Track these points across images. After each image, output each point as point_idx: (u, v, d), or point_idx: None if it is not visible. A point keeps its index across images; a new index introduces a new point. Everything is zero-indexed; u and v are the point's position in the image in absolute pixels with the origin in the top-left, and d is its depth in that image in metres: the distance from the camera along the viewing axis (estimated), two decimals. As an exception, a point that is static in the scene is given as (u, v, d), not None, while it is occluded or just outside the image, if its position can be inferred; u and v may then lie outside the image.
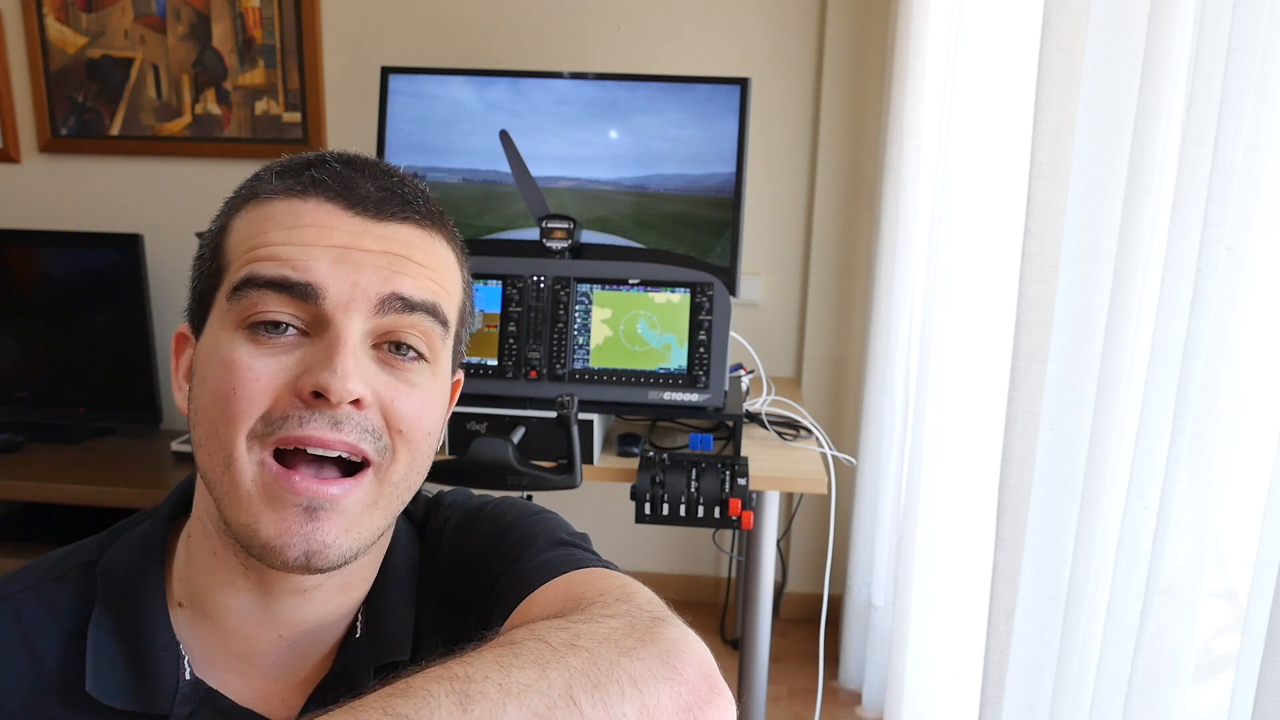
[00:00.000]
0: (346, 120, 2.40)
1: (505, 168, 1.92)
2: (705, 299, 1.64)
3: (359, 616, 0.65)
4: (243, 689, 0.62)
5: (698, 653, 0.51)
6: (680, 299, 1.65)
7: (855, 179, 2.33)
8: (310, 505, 0.55)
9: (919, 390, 1.76)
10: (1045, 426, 1.13)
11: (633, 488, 1.55)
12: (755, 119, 2.19)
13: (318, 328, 0.57)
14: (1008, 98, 1.44)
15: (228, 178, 0.64)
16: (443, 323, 0.61)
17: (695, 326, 1.65)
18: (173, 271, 2.40)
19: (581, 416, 1.61)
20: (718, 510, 1.53)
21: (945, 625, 1.68)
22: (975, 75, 1.53)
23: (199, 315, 0.61)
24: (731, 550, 2.51)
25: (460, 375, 0.70)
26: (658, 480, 1.54)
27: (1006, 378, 1.21)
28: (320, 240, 0.57)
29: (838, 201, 2.34)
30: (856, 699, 2.23)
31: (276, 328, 0.56)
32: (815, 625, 2.00)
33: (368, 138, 2.15)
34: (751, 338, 2.21)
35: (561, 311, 1.66)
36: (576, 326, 1.67)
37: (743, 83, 1.86)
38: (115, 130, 2.43)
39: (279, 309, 0.56)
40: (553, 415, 1.57)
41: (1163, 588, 0.87)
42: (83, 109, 2.43)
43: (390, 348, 0.59)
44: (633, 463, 1.63)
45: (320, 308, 0.56)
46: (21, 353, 2.33)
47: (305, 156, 0.62)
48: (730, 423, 1.75)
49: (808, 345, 2.42)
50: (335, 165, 0.60)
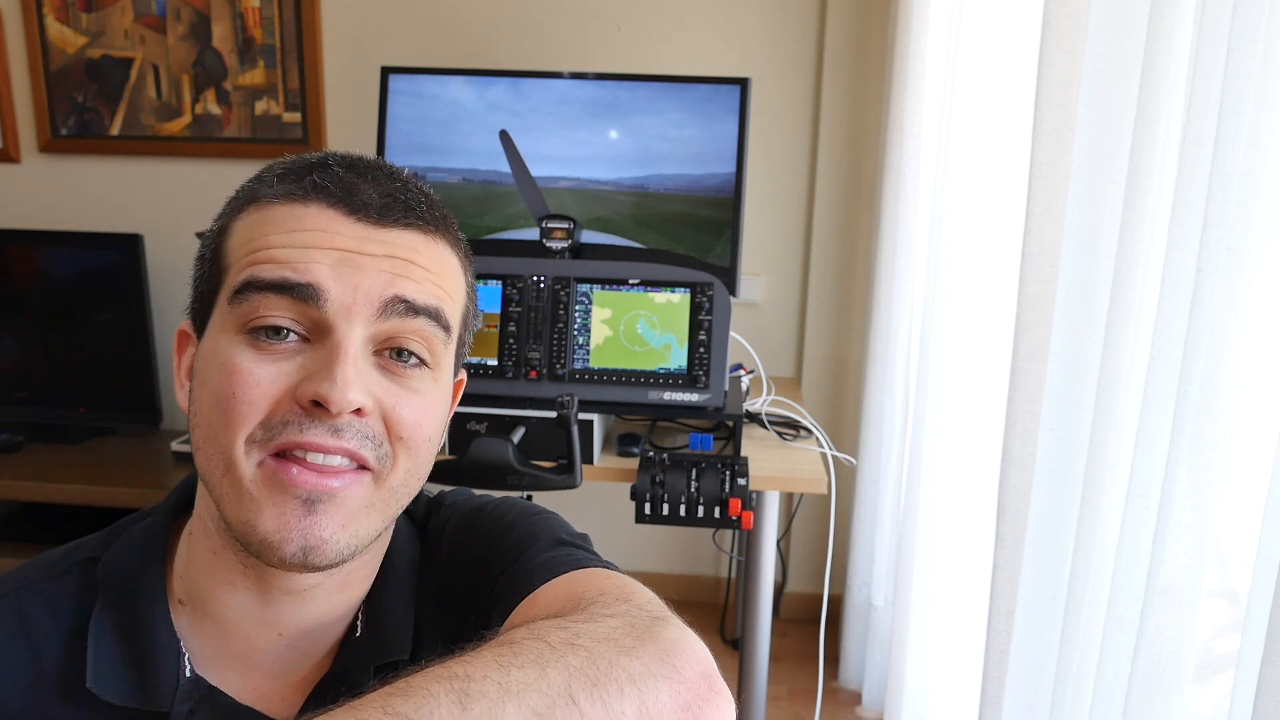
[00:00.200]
0: (346, 120, 2.40)
1: (505, 168, 1.92)
2: (705, 299, 1.64)
3: (359, 616, 0.66)
4: (243, 687, 0.63)
5: (697, 652, 0.51)
6: (680, 299, 1.65)
7: (855, 179, 2.33)
8: (309, 498, 0.55)
9: (919, 390, 1.76)
10: (1045, 426, 1.13)
11: (633, 488, 1.55)
12: (755, 119, 2.19)
13: (319, 334, 0.57)
14: (1008, 98, 1.44)
15: (228, 178, 0.64)
16: (445, 327, 0.61)
17: (695, 326, 1.65)
18: (173, 271, 2.40)
19: (581, 416, 1.61)
20: (718, 510, 1.53)
21: (945, 625, 1.68)
22: (975, 75, 1.54)
23: (201, 315, 0.61)
24: (731, 550, 2.51)
25: (463, 375, 0.70)
26: (658, 480, 1.54)
27: (1006, 378, 1.21)
28: (321, 244, 0.57)
29: (838, 201, 2.34)
30: (856, 699, 2.23)
31: (278, 333, 0.56)
32: (815, 625, 2.00)
33: (368, 138, 2.15)
34: (751, 338, 2.21)
35: (561, 311, 1.66)
36: (576, 326, 1.67)
37: (743, 83, 1.86)
38: (115, 130, 2.43)
39: (280, 313, 0.56)
40: (553, 415, 1.57)
41: (1163, 588, 0.87)
42: (83, 109, 2.43)
43: (391, 354, 0.59)
44: (633, 463, 1.63)
45: (322, 311, 0.56)
46: (21, 353, 2.33)
47: (307, 159, 0.61)
48: (730, 423, 1.75)
49: (808, 345, 2.42)
50: (337, 169, 0.60)
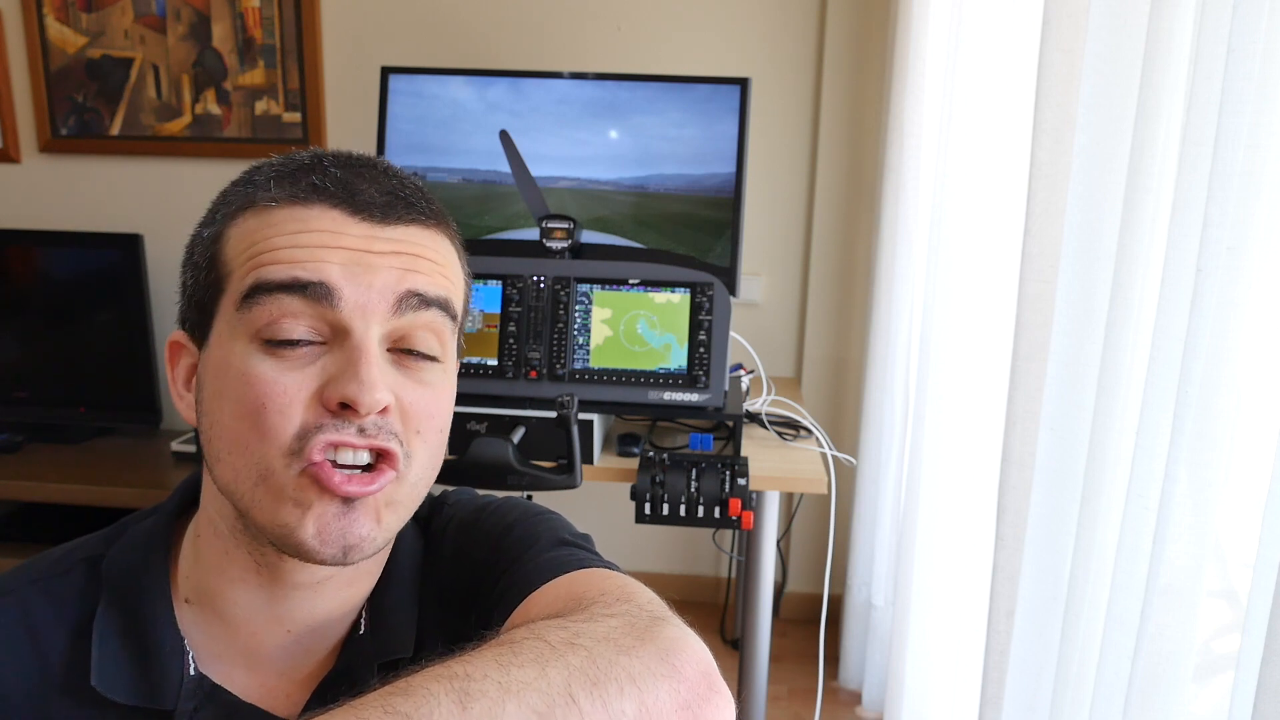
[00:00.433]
0: (346, 120, 2.40)
1: (505, 168, 1.92)
2: (705, 299, 1.64)
3: (363, 613, 0.66)
4: (247, 684, 0.63)
5: (697, 651, 0.51)
6: (680, 299, 1.65)
7: (855, 179, 2.33)
8: (347, 496, 0.56)
9: (919, 390, 1.76)
10: (1045, 426, 1.13)
11: (633, 488, 1.55)
12: (755, 119, 2.19)
13: (335, 335, 0.57)
14: (1008, 98, 1.44)
15: (228, 178, 0.64)
16: (453, 317, 0.62)
17: (695, 326, 1.65)
18: (173, 271, 2.38)
19: (581, 416, 1.61)
20: (718, 510, 1.53)
21: (945, 625, 1.68)
22: (975, 75, 1.54)
23: (199, 325, 0.61)
24: (731, 550, 2.51)
25: (457, 364, 0.70)
26: (658, 480, 1.54)
27: (1006, 378, 1.21)
28: (330, 244, 0.57)
29: (838, 201, 2.34)
30: (856, 699, 2.23)
31: (293, 343, 0.56)
32: (815, 625, 2.00)
33: (368, 138, 2.15)
34: (751, 338, 2.21)
35: (561, 311, 1.66)
36: (576, 326, 1.67)
37: (743, 83, 1.86)
38: (115, 130, 2.43)
39: (294, 318, 0.56)
40: (553, 415, 1.57)
41: (1163, 588, 0.87)
42: (83, 109, 2.43)
43: (404, 350, 0.59)
44: (633, 463, 1.63)
45: (337, 312, 0.56)
46: (21, 353, 2.33)
47: (299, 159, 0.61)
48: (730, 423, 1.75)
49: (808, 345, 2.42)
50: (334, 170, 0.60)
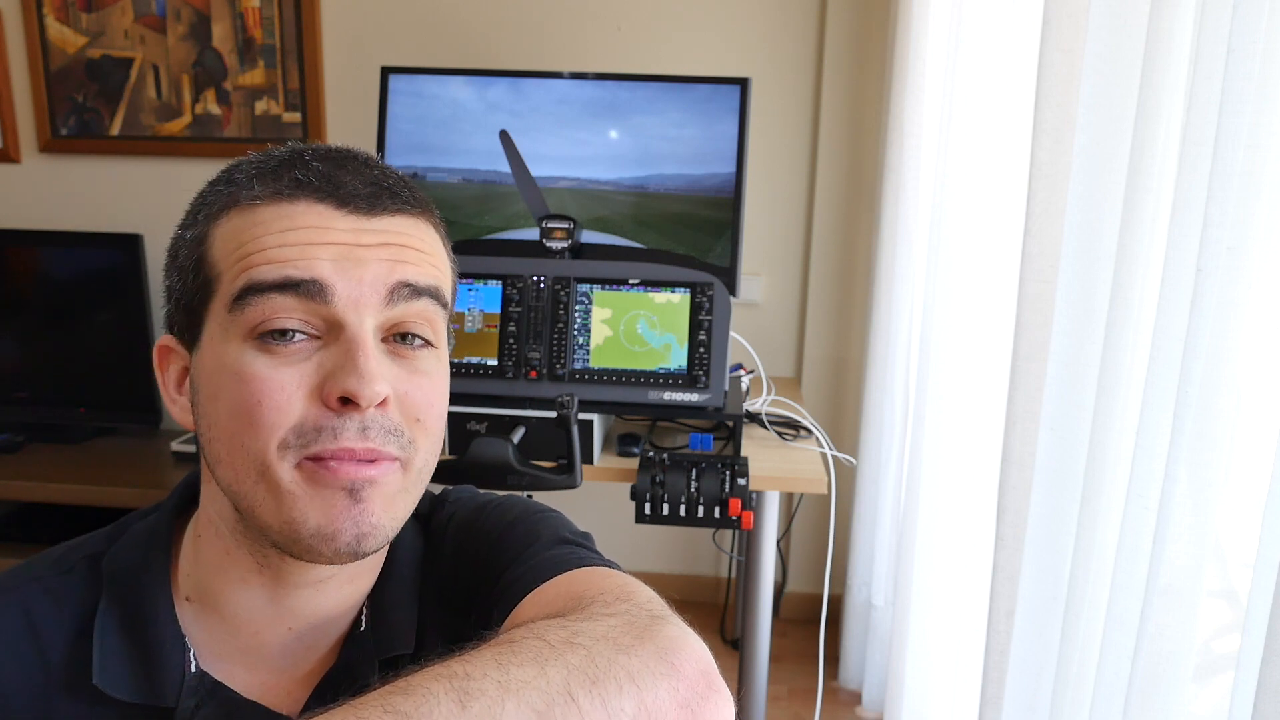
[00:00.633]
0: (346, 120, 2.40)
1: (505, 168, 1.92)
2: (705, 299, 1.64)
3: (364, 610, 0.66)
4: (248, 681, 0.63)
5: (696, 650, 0.51)
6: (680, 299, 1.65)
7: (855, 179, 2.33)
8: (353, 487, 0.56)
9: (919, 390, 1.76)
10: (1045, 426, 1.13)
11: (633, 488, 1.55)
12: (755, 119, 2.19)
13: (329, 330, 0.57)
14: (1008, 98, 1.44)
15: (227, 177, 0.64)
16: (444, 305, 0.62)
17: (695, 326, 1.65)
18: (173, 271, 2.40)
19: (581, 416, 1.61)
20: (718, 510, 1.53)
21: (945, 625, 1.68)
22: (975, 75, 1.54)
23: (189, 328, 0.60)
24: (731, 550, 2.51)
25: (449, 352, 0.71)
26: (658, 480, 1.54)
27: (1006, 378, 1.21)
28: (318, 240, 0.56)
29: (838, 201, 2.34)
30: (856, 699, 2.23)
31: (285, 335, 0.56)
32: (815, 625, 2.00)
33: (368, 138, 2.15)
34: (751, 338, 2.21)
35: (561, 311, 1.66)
36: (576, 326, 1.67)
37: (743, 83, 1.86)
38: (115, 130, 2.43)
39: (287, 314, 0.55)
40: (553, 415, 1.57)
41: (1163, 588, 0.87)
42: (83, 109, 2.43)
43: (397, 338, 0.59)
44: (633, 463, 1.63)
45: (330, 307, 0.56)
46: (21, 353, 2.33)
47: (278, 155, 0.60)
48: (730, 423, 1.75)
49: (808, 345, 2.42)
50: (316, 163, 0.59)
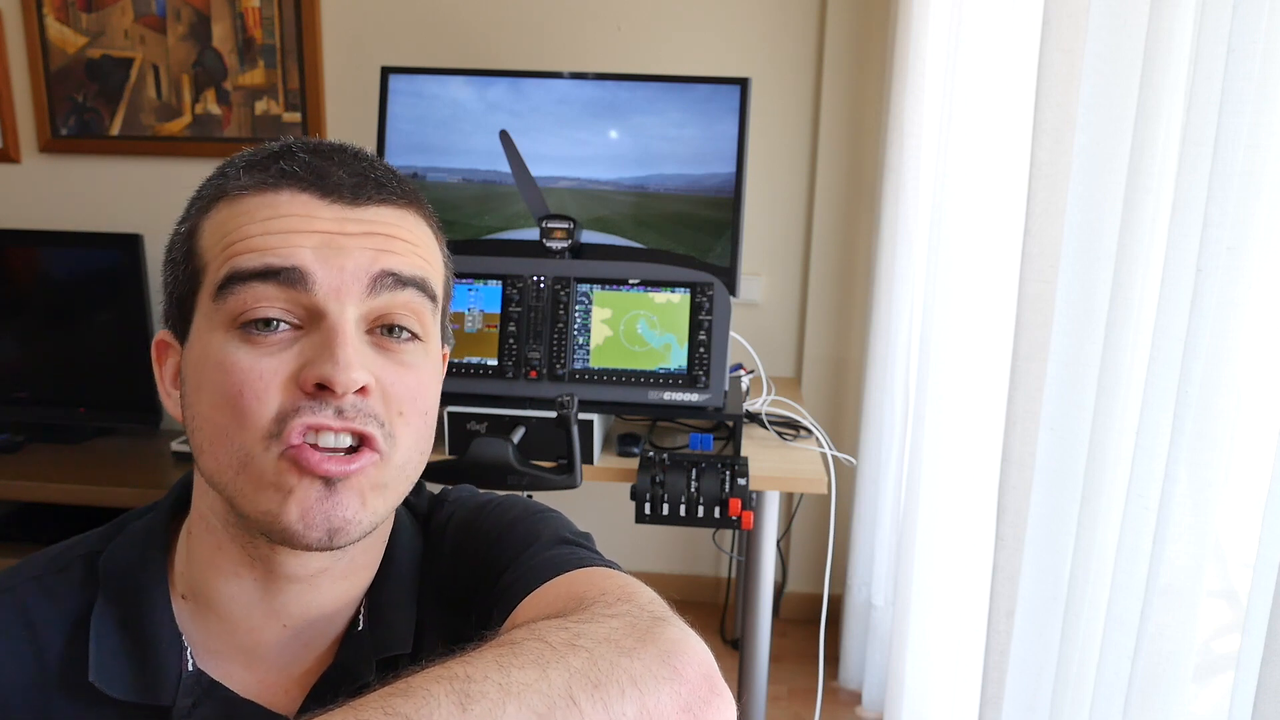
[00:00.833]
0: (346, 120, 2.40)
1: (505, 168, 1.92)
2: (705, 299, 1.64)
3: (361, 608, 0.66)
4: (245, 680, 0.63)
5: (698, 653, 0.51)
6: (680, 299, 1.65)
7: (855, 179, 2.33)
8: (328, 477, 0.56)
9: (919, 390, 1.76)
10: (1045, 426, 1.13)
11: (633, 488, 1.55)
12: (755, 119, 2.19)
13: (311, 319, 0.57)
14: (1008, 98, 1.44)
15: (227, 178, 0.64)
16: (432, 297, 0.61)
17: (695, 326, 1.65)
18: (173, 271, 2.40)
19: (581, 416, 1.61)
20: (718, 510, 1.53)
21: (945, 625, 1.68)
22: (975, 75, 1.54)
23: (181, 321, 0.61)
24: (731, 550, 2.51)
25: (447, 349, 0.70)
26: (658, 480, 1.54)
27: (1006, 378, 1.21)
28: (301, 229, 0.57)
29: (838, 201, 2.34)
30: (856, 699, 2.23)
31: (268, 325, 0.56)
32: (815, 625, 2.00)
33: (368, 138, 2.15)
34: (751, 338, 2.21)
35: (561, 311, 1.66)
36: (576, 326, 1.67)
37: (743, 83, 1.86)
38: (115, 130, 2.43)
39: (269, 303, 0.56)
40: (553, 415, 1.57)
41: (1163, 588, 0.87)
42: (83, 109, 2.43)
43: (383, 330, 0.59)
44: (633, 463, 1.63)
45: (311, 295, 0.56)
46: (21, 353, 2.33)
47: (270, 148, 0.61)
48: (730, 423, 1.75)
49: (808, 345, 2.42)
50: (303, 155, 0.59)
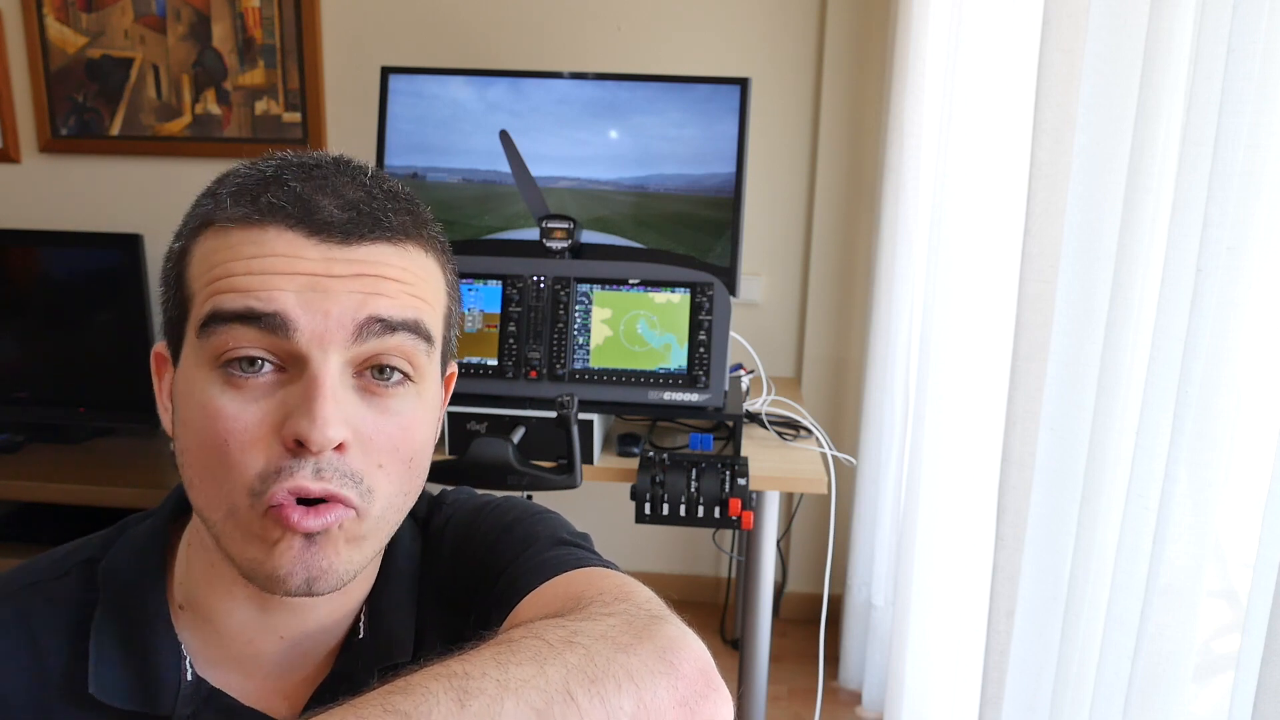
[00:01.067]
0: (346, 120, 2.40)
1: (505, 168, 1.92)
2: (705, 299, 1.64)
3: (361, 617, 0.66)
4: (245, 689, 0.63)
5: (695, 649, 0.51)
6: (680, 299, 1.65)
7: (855, 179, 2.33)
8: (308, 531, 0.55)
9: (919, 390, 1.76)
10: (1045, 426, 1.13)
11: (633, 488, 1.55)
12: (755, 119, 2.19)
13: (294, 364, 0.55)
14: (1008, 98, 1.44)
15: (227, 178, 0.63)
16: (426, 338, 0.58)
17: (695, 326, 1.64)
18: (173, 271, 2.40)
19: (581, 416, 1.61)
20: (718, 510, 1.53)
21: (945, 625, 1.68)
22: (975, 75, 1.54)
23: (173, 341, 0.60)
24: (731, 550, 2.51)
25: (453, 369, 0.69)
26: (658, 480, 1.54)
27: (1006, 378, 1.21)
28: (285, 270, 0.54)
29: (838, 201, 2.34)
30: (856, 699, 2.23)
31: (252, 364, 0.54)
32: (815, 625, 2.00)
33: (368, 138, 2.15)
34: (751, 338, 2.21)
35: (561, 311, 1.66)
36: (576, 326, 1.67)
37: (743, 83, 1.86)
38: (115, 130, 2.43)
39: (250, 345, 0.54)
40: (553, 415, 1.57)
41: (1163, 588, 0.87)
42: (83, 109, 2.43)
43: (373, 372, 0.57)
44: (633, 463, 1.63)
45: (293, 343, 0.54)
46: (21, 353, 2.33)
47: (262, 172, 0.58)
48: (730, 423, 1.75)
49: (808, 345, 2.42)
50: (293, 184, 0.56)
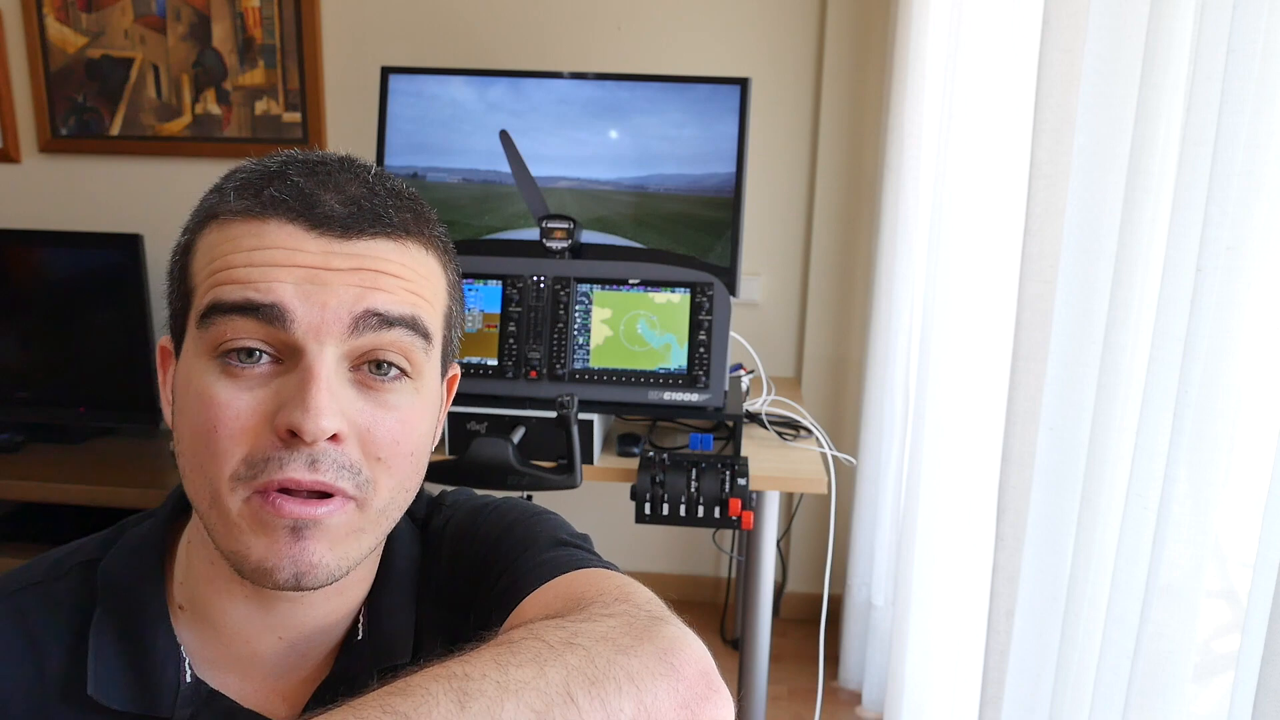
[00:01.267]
0: (346, 120, 2.40)
1: (505, 168, 1.92)
2: (705, 299, 1.64)
3: (360, 618, 0.66)
4: (244, 690, 0.63)
5: (695, 651, 0.51)
6: (680, 299, 1.65)
7: (855, 179, 2.33)
8: (296, 526, 0.55)
9: (919, 390, 1.76)
10: (1045, 426, 1.13)
11: (633, 488, 1.55)
12: (755, 119, 2.19)
13: (290, 355, 0.55)
14: (1008, 98, 1.44)
15: (226, 177, 0.63)
16: (424, 335, 0.58)
17: (695, 326, 1.64)
18: (173, 271, 2.40)
19: (581, 416, 1.61)
20: (718, 510, 1.53)
21: (945, 625, 1.68)
22: (975, 75, 1.53)
23: (177, 334, 0.60)
24: (731, 550, 2.51)
25: (456, 371, 0.69)
26: (658, 480, 1.54)
27: (1006, 378, 1.21)
28: (284, 262, 0.55)
29: (838, 201, 2.34)
30: (856, 699, 2.23)
31: (250, 355, 0.55)
32: (815, 625, 2.00)
33: (368, 138, 2.15)
34: (751, 338, 2.21)
35: (561, 311, 1.66)
36: (576, 326, 1.67)
37: (743, 83, 1.86)
38: (115, 130, 2.43)
39: (248, 336, 0.54)
40: (553, 415, 1.57)
41: (1163, 588, 0.87)
42: (83, 109, 2.43)
43: (370, 367, 0.57)
44: (633, 463, 1.63)
45: (290, 333, 0.54)
46: (21, 353, 2.33)
47: (266, 167, 0.59)
48: (730, 423, 1.75)
49: (808, 345, 2.42)
50: (296, 179, 0.57)
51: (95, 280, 2.30)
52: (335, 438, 0.55)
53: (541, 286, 1.67)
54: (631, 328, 1.66)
